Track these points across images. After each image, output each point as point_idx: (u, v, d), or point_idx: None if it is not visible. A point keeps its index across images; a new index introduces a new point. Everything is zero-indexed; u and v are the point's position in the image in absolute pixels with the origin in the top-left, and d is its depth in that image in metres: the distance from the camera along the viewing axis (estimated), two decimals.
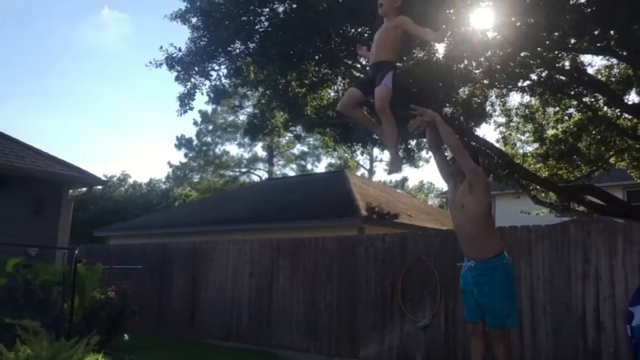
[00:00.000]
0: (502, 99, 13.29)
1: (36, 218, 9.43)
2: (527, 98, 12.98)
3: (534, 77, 11.67)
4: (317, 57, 11.05)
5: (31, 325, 4.93)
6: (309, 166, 39.95)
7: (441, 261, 7.51)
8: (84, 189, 10.97)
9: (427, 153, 17.53)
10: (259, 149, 38.61)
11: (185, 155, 38.89)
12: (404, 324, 7.75)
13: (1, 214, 9.00)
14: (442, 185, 48.94)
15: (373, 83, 4.22)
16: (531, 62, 10.90)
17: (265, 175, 37.49)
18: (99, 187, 14.77)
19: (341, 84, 12.70)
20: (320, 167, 40.00)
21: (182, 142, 38.69)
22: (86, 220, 20.87)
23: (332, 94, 13.05)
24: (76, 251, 8.46)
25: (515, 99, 23.62)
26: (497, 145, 13.46)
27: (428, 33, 4.22)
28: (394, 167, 4.57)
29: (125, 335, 5.45)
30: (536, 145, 13.91)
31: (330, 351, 8.44)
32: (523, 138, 14.29)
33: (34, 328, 4.89)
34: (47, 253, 9.38)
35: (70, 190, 10.57)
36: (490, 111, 13.30)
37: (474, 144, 12.12)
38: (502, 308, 4.31)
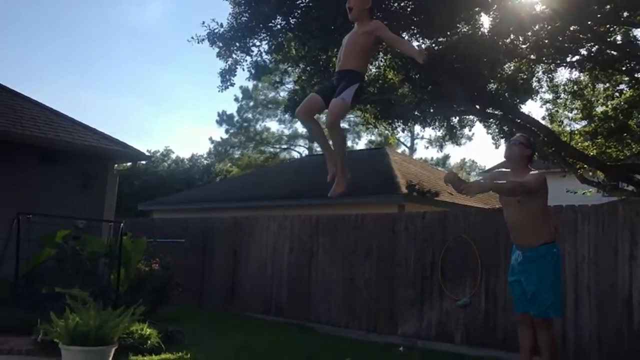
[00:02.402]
0: (550, 75, 12.91)
1: (84, 192, 9.71)
2: (575, 74, 12.59)
3: (583, 52, 11.29)
4: None
5: (80, 294, 5.09)
6: (350, 143, 39.74)
7: (482, 240, 7.41)
8: (129, 163, 11.24)
9: (469, 130, 17.23)
10: (300, 126, 38.67)
11: (227, 131, 39.28)
12: (443, 302, 7.71)
13: (51, 187, 9.31)
14: (484, 163, 48.09)
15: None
16: (581, 36, 10.53)
17: (305, 152, 37.60)
18: (143, 162, 15.13)
19: (382, 60, 12.54)
20: (361, 144, 39.84)
21: (224, 118, 39.07)
22: (131, 194, 21.37)
23: (373, 70, 12.91)
24: (122, 224, 8.70)
25: (563, 74, 22.95)
26: (543, 122, 13.12)
27: (406, 44, 3.97)
28: (338, 188, 4.19)
29: None
30: (584, 122, 13.51)
31: (369, 327, 8.48)
32: (571, 115, 13.90)
33: (83, 297, 5.05)
34: (94, 225, 9.67)
35: (116, 165, 10.83)
36: (537, 87, 12.96)
37: (518, 121, 11.85)
38: (547, 297, 4.24)
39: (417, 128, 25.40)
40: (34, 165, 9.26)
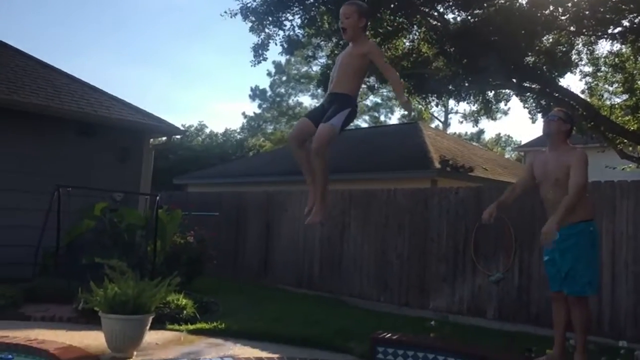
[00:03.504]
0: (590, 47, 12.53)
1: (121, 165, 9.89)
2: (617, 46, 12.19)
3: (625, 23, 10.88)
4: (392, 6, 10.76)
5: (118, 265, 5.22)
6: (382, 118, 39.60)
7: (517, 216, 7.32)
8: (164, 138, 11.38)
9: (505, 105, 16.88)
10: None
11: (259, 106, 39.45)
12: (476, 278, 7.69)
13: (89, 160, 9.51)
14: (520, 138, 47.20)
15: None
16: (623, 6, 10.14)
17: None
18: (178, 136, 15.26)
19: (417, 34, 12.34)
20: (394, 119, 39.55)
21: (256, 93, 39.21)
22: (166, 168, 21.69)
23: (407, 43, 12.74)
24: (158, 197, 8.86)
25: (604, 47, 22.24)
26: (582, 96, 12.78)
27: (396, 81, 3.82)
28: (315, 217, 4.10)
29: None
30: (625, 96, 13.10)
31: (400, 301, 8.52)
32: (611, 89, 13.51)
33: (121, 268, 5.18)
34: (131, 198, 9.87)
35: (151, 139, 10.99)
36: (576, 60, 12.59)
37: (556, 94, 11.58)
38: (583, 275, 4.19)
39: (452, 102, 25.06)
40: (73, 139, 9.47)
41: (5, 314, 6.25)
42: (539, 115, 12.70)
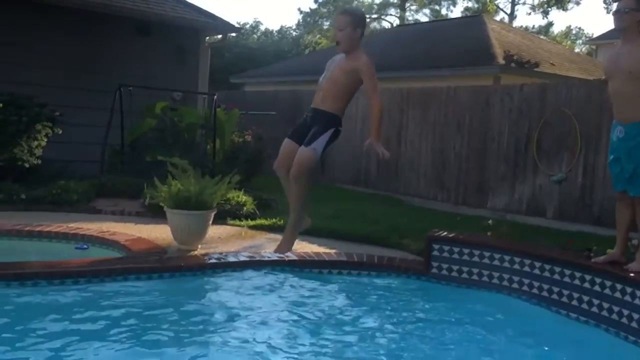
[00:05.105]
0: None
1: (178, 64, 9.93)
2: None
3: None
4: None
5: (180, 163, 5.36)
6: (444, 11, 37.70)
7: (584, 114, 7.00)
8: (219, 36, 11.27)
9: None
10: None
11: (315, 1, 38.17)
12: (537, 177, 7.53)
13: (147, 59, 9.57)
14: (592, 30, 44.24)
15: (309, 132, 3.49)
16: None
17: (396, 22, 36.08)
18: (233, 34, 15.09)
19: None
20: (456, 12, 37.66)
21: None
22: (222, 67, 21.65)
23: None
24: (215, 96, 8.93)
25: None
26: None
27: (375, 111, 3.45)
28: (281, 248, 3.99)
29: None
30: None
31: (457, 200, 8.51)
32: None
33: (183, 166, 5.33)
34: (190, 98, 9.98)
35: (207, 38, 10.89)
36: None
37: None
38: None
39: None
40: (130, 38, 9.50)
41: (78, 208, 6.64)
42: (615, 4, 11.76)
